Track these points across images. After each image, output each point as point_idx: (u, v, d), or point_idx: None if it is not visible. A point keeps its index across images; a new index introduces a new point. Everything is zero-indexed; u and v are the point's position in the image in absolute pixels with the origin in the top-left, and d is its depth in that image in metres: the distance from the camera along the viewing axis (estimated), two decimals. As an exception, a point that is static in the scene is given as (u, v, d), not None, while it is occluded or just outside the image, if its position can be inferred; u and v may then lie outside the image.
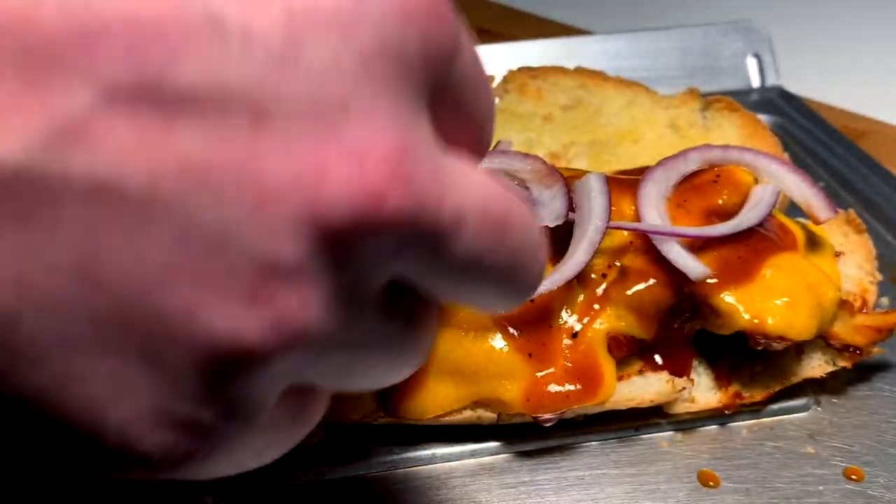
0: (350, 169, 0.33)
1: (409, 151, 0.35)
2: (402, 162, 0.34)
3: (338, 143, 0.33)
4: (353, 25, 0.34)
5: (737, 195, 0.84)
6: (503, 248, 0.40)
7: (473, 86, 0.42)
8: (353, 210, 0.33)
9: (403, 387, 0.76)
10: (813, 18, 1.92)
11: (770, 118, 1.34)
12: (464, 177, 0.38)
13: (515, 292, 0.45)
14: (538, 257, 0.44)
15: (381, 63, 0.35)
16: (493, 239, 0.39)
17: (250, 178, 0.32)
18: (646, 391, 0.80)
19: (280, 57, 0.32)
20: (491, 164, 0.85)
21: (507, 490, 0.77)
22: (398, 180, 0.34)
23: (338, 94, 0.34)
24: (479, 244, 0.39)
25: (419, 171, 0.35)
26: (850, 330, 0.83)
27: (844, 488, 0.76)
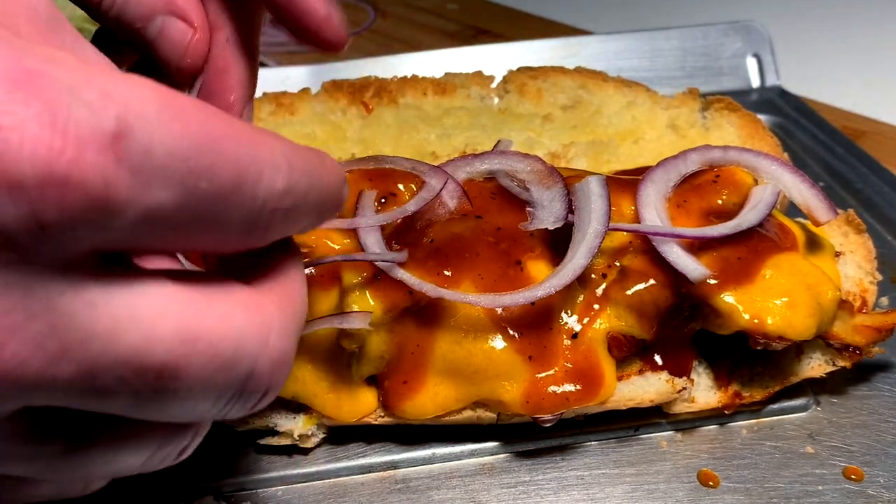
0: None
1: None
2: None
3: None
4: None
5: (736, 196, 0.84)
6: (163, 398, 0.39)
7: (166, 226, 0.39)
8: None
9: (403, 387, 0.76)
10: (813, 18, 1.92)
11: (770, 118, 1.34)
12: (115, 325, 0.37)
13: None
14: (240, 394, 0.42)
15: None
16: (148, 391, 0.38)
17: None
18: (646, 391, 0.80)
19: None
20: (491, 164, 0.85)
21: (506, 490, 0.77)
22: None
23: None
24: (128, 395, 0.38)
25: (12, 344, 0.35)
26: (850, 330, 0.83)
27: (844, 488, 0.76)
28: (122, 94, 0.36)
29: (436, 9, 1.99)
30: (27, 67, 0.34)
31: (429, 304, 0.76)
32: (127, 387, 0.38)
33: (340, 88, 1.12)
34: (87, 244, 0.36)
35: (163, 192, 0.37)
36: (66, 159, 0.34)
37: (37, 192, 0.33)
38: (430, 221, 0.80)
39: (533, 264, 0.78)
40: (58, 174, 0.33)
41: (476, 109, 1.13)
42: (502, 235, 0.79)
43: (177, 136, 0.37)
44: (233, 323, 0.41)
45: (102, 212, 0.35)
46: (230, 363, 0.41)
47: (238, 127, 0.41)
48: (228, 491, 0.77)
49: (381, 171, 0.84)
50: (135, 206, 0.36)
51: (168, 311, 0.39)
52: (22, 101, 0.33)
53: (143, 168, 0.36)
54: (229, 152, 0.39)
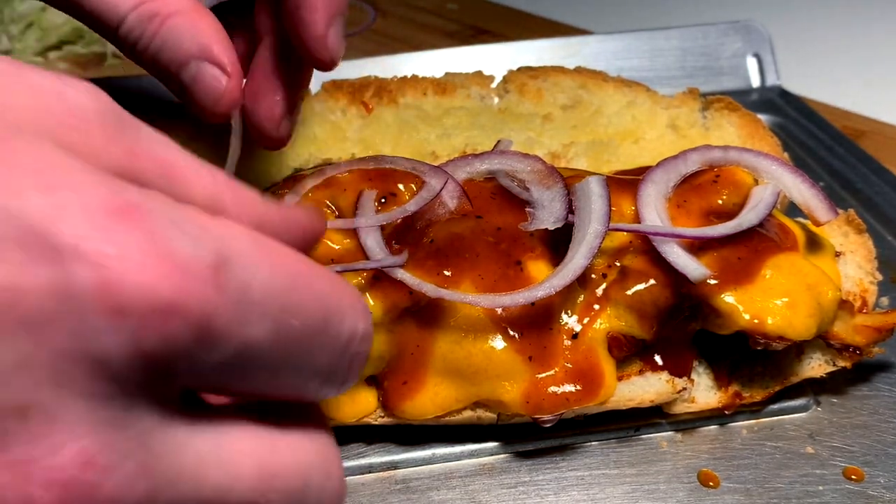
0: (12, 481, 0.32)
1: (96, 462, 0.34)
2: (82, 476, 0.33)
3: (5, 451, 0.32)
4: (49, 326, 0.32)
5: (737, 196, 0.84)
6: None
7: (256, 364, 0.39)
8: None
9: (403, 387, 0.76)
10: (813, 18, 1.92)
11: (770, 118, 1.34)
12: (200, 463, 0.37)
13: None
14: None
15: (76, 367, 0.33)
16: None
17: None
18: (646, 391, 0.80)
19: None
20: (491, 164, 0.85)
21: (506, 490, 0.77)
22: (70, 496, 0.33)
23: (17, 398, 0.32)
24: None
25: (109, 482, 0.34)
26: (850, 330, 0.83)
27: (844, 488, 0.76)
28: (216, 230, 0.37)
29: (436, 9, 1.98)
30: (128, 199, 0.34)
31: (429, 304, 0.76)
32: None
33: (340, 88, 1.12)
34: (182, 379, 0.36)
35: (258, 328, 0.37)
36: (170, 287, 0.34)
37: (140, 319, 0.33)
38: (430, 221, 0.80)
39: (533, 264, 0.78)
40: (161, 302, 0.33)
41: (476, 109, 1.12)
42: (502, 235, 0.79)
43: (270, 273, 0.38)
44: (302, 457, 0.42)
45: (202, 343, 0.35)
46: (301, 498, 0.42)
47: (321, 269, 0.41)
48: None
49: (381, 171, 0.84)
50: (232, 340, 0.36)
51: (247, 449, 0.39)
52: (124, 230, 0.34)
53: (241, 301, 0.36)
54: (318, 291, 0.40)
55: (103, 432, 0.34)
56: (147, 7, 0.69)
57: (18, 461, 0.33)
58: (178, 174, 0.42)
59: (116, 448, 0.34)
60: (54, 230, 0.33)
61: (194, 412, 0.39)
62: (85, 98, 0.40)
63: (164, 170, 0.41)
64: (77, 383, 0.33)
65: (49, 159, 0.35)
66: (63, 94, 0.39)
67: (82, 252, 0.33)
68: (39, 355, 0.33)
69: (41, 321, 0.32)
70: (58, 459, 0.33)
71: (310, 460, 0.42)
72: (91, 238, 0.33)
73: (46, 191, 0.33)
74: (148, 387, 0.35)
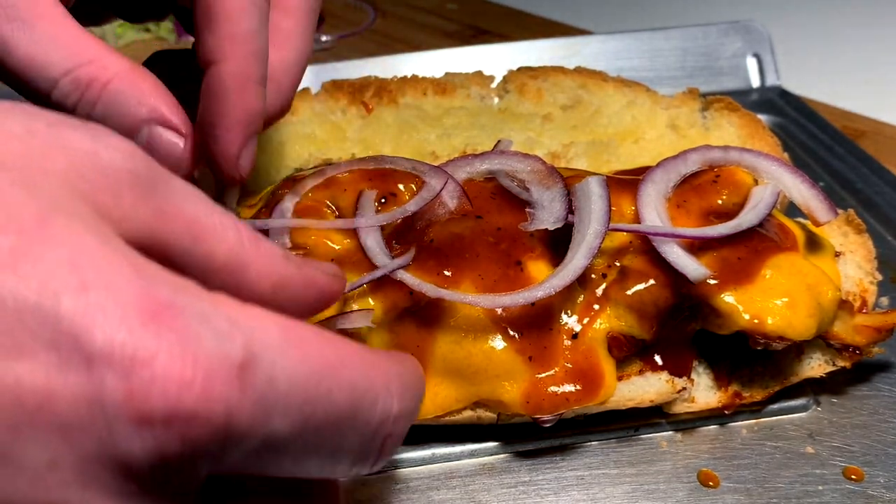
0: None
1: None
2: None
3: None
4: (79, 430, 0.34)
5: (736, 196, 0.84)
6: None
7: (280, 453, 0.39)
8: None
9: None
10: (813, 18, 1.92)
11: (770, 118, 1.34)
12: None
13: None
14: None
15: (102, 469, 0.35)
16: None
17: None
18: (646, 391, 0.80)
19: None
20: (491, 164, 0.85)
21: (506, 490, 0.77)
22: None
23: (46, 496, 0.34)
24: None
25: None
26: (850, 330, 0.83)
27: (844, 488, 0.76)
28: (246, 322, 0.38)
29: (436, 9, 1.99)
30: (158, 298, 0.36)
31: (429, 304, 0.76)
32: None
33: (340, 88, 1.12)
34: (203, 473, 0.37)
35: (282, 422, 0.38)
36: (195, 394, 0.35)
37: (164, 427, 0.34)
38: (430, 221, 0.80)
39: (533, 264, 0.78)
40: (185, 410, 0.35)
41: (476, 109, 1.12)
42: (502, 235, 0.79)
43: (297, 365, 0.38)
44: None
45: (223, 443, 0.36)
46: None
47: (354, 351, 0.42)
48: (228, 491, 0.77)
49: (381, 171, 0.84)
50: (254, 436, 0.37)
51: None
52: (154, 333, 0.35)
53: (266, 398, 0.37)
54: (345, 379, 0.40)
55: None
56: (83, 72, 0.64)
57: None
58: (205, 232, 0.43)
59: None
60: (87, 336, 0.34)
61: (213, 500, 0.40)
62: (118, 157, 0.41)
63: (191, 228, 0.42)
64: (102, 483, 0.35)
65: (84, 248, 0.36)
66: (97, 154, 0.40)
67: (113, 359, 0.34)
68: (69, 457, 0.34)
69: (72, 425, 0.34)
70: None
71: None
72: (122, 344, 0.34)
73: (80, 291, 0.35)
74: (168, 485, 0.36)
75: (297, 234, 0.79)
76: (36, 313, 0.34)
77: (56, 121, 0.41)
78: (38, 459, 0.34)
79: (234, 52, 0.69)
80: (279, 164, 1.02)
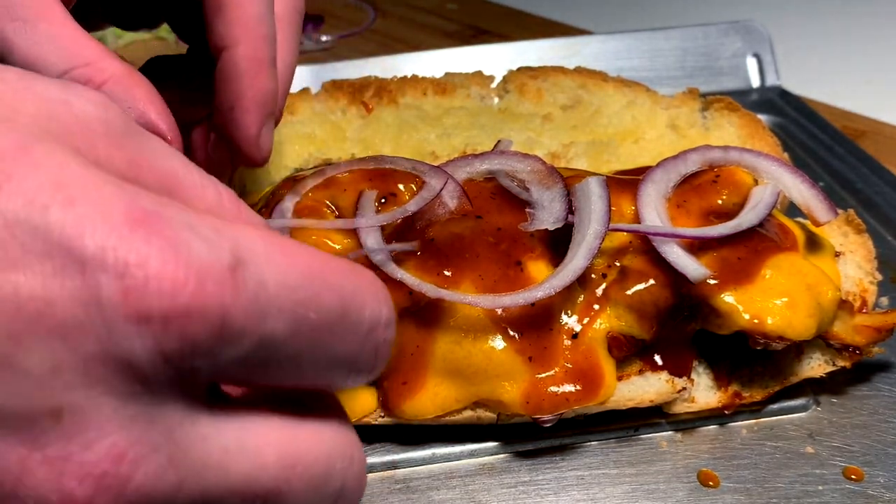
0: (48, 477, 0.35)
1: (126, 456, 0.36)
2: (114, 469, 0.35)
3: (41, 450, 0.35)
4: (78, 333, 0.35)
5: (736, 196, 0.84)
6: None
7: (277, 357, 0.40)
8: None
9: (403, 387, 0.76)
10: (813, 18, 1.92)
11: (770, 118, 1.34)
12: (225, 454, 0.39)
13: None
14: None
15: (104, 369, 0.35)
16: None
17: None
18: (646, 391, 0.80)
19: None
20: (491, 164, 0.85)
21: (506, 490, 0.77)
22: (104, 489, 0.35)
23: (51, 400, 0.35)
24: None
25: (138, 474, 0.36)
26: (849, 330, 0.83)
27: (844, 488, 0.76)
28: (231, 232, 0.38)
29: (436, 9, 1.99)
30: (145, 209, 0.36)
31: (428, 304, 0.76)
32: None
33: (340, 88, 1.12)
34: (202, 376, 0.38)
35: (276, 322, 0.38)
36: (189, 292, 0.35)
37: (161, 324, 0.35)
38: (430, 221, 0.80)
39: (533, 264, 0.78)
40: (180, 306, 0.35)
41: (476, 109, 1.12)
42: (502, 236, 0.79)
43: (285, 269, 0.39)
44: (323, 444, 0.43)
45: (222, 340, 0.37)
46: (324, 483, 0.43)
47: (337, 261, 0.43)
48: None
49: (381, 171, 0.84)
50: (251, 336, 0.37)
51: (270, 438, 0.41)
52: (144, 238, 0.35)
53: (258, 298, 0.37)
54: (333, 282, 0.41)
55: (132, 428, 0.36)
56: (79, 73, 0.65)
57: (54, 458, 0.35)
58: (182, 188, 0.43)
59: (145, 442, 0.36)
60: (78, 242, 0.35)
61: (218, 405, 0.40)
62: (91, 107, 0.41)
63: (167, 181, 0.43)
64: (106, 384, 0.35)
65: (67, 169, 0.36)
66: (68, 102, 0.41)
67: (106, 262, 0.35)
68: (70, 360, 0.35)
69: (71, 329, 0.34)
70: (91, 455, 0.35)
71: (331, 446, 0.43)
72: (113, 248, 0.35)
73: (67, 204, 0.35)
74: (173, 384, 0.37)
75: (297, 234, 0.79)
76: (25, 227, 0.34)
77: (26, 74, 0.42)
78: (40, 365, 0.34)
79: (245, 35, 0.71)
80: (279, 164, 1.02)
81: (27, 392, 0.34)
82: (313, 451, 0.42)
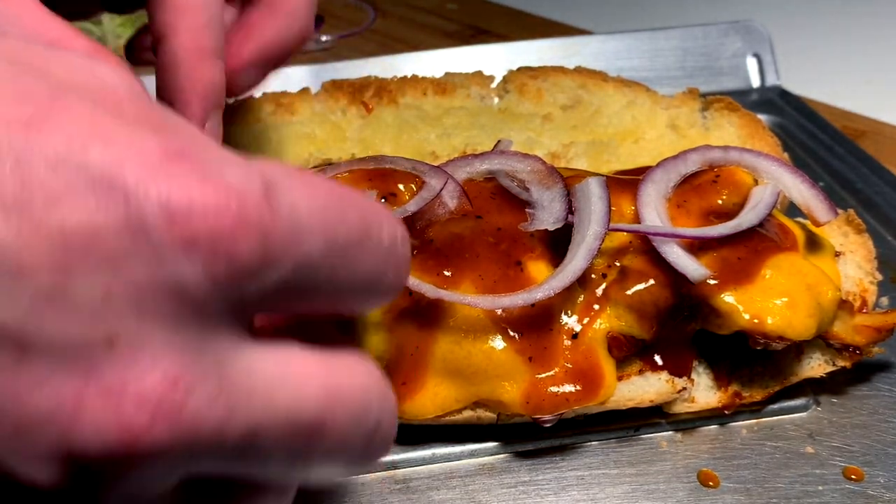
0: (106, 406, 0.35)
1: (179, 383, 0.36)
2: (169, 396, 0.36)
3: (97, 379, 0.35)
4: (128, 261, 0.35)
5: (736, 196, 0.84)
6: (311, 456, 0.42)
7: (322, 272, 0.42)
8: (105, 447, 0.35)
9: (403, 387, 0.76)
10: (813, 18, 1.92)
11: (770, 118, 1.34)
12: (271, 385, 0.39)
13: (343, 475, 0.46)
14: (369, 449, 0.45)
15: (155, 296, 0.36)
16: (304, 446, 0.41)
17: (11, 409, 0.35)
18: (646, 391, 0.80)
19: (48, 291, 0.34)
20: (491, 164, 0.85)
21: (506, 490, 0.77)
22: (161, 415, 0.35)
23: (104, 329, 0.35)
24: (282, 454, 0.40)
25: (191, 401, 0.36)
26: (849, 330, 0.83)
27: (844, 488, 0.76)
28: (256, 164, 0.40)
29: (436, 9, 1.99)
30: (178, 144, 0.38)
31: (428, 304, 0.76)
32: (283, 447, 0.40)
33: (340, 88, 1.12)
34: (248, 303, 0.39)
35: (310, 243, 0.40)
36: (232, 214, 0.36)
37: (208, 248, 0.36)
38: (430, 221, 0.80)
39: (533, 265, 0.78)
40: (226, 229, 0.36)
41: (476, 109, 1.12)
42: (502, 236, 0.79)
43: (309, 193, 0.41)
44: (359, 378, 0.44)
45: (264, 263, 0.38)
46: (364, 416, 0.43)
47: (348, 188, 0.45)
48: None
49: (381, 171, 0.84)
50: (290, 257, 0.39)
51: (310, 370, 0.41)
52: (182, 171, 0.37)
53: (292, 219, 0.39)
54: (353, 205, 0.43)
55: (184, 355, 0.37)
56: None
57: (110, 388, 0.35)
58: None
59: (197, 369, 0.37)
60: (120, 176, 0.36)
61: (259, 338, 0.41)
62: (114, 75, 0.42)
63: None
64: (157, 311, 0.36)
65: (100, 117, 0.38)
66: (94, 69, 0.42)
67: (149, 192, 0.36)
68: (121, 288, 0.35)
69: (120, 258, 0.35)
70: (146, 382, 0.35)
71: (367, 381, 0.44)
72: (154, 179, 0.36)
73: (106, 143, 0.36)
74: (220, 311, 0.38)
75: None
76: (67, 164, 0.35)
77: (51, 47, 0.43)
78: (92, 295, 0.35)
79: (184, 24, 0.70)
80: (279, 165, 1.02)
81: (80, 323, 0.35)
82: (352, 384, 0.43)
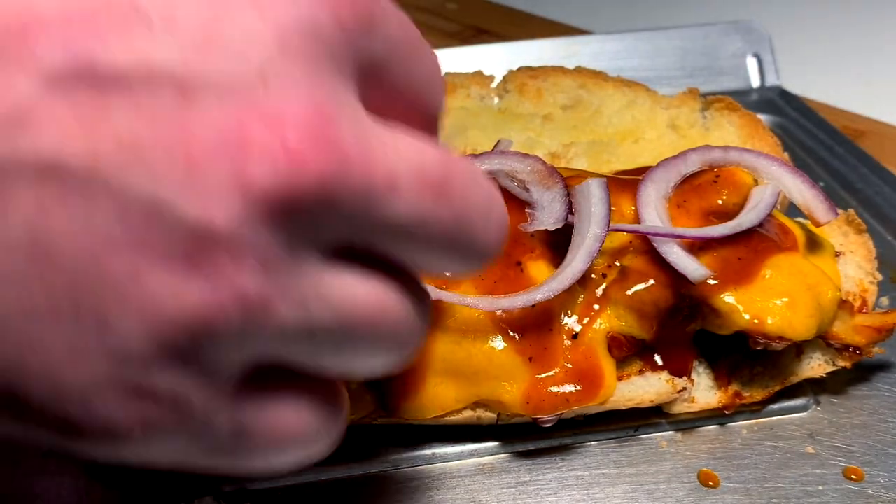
0: (271, 132, 0.36)
1: (330, 117, 0.37)
2: (324, 126, 0.37)
3: (259, 108, 0.36)
4: (269, 4, 0.38)
5: (736, 196, 0.84)
6: (446, 210, 0.42)
7: (403, 52, 0.44)
8: (277, 172, 0.36)
9: (403, 387, 0.77)
10: (813, 18, 1.92)
11: (770, 118, 1.34)
12: (395, 142, 0.40)
13: (468, 255, 0.46)
14: (490, 218, 0.45)
15: (297, 37, 0.38)
16: (434, 201, 0.41)
17: (179, 148, 0.35)
18: (646, 391, 0.80)
19: (201, 35, 0.36)
20: (491, 164, 0.85)
21: (506, 490, 0.77)
22: (321, 143, 0.37)
23: (256, 65, 0.37)
24: (418, 207, 0.41)
25: (342, 135, 0.37)
26: (849, 330, 0.83)
27: (844, 488, 0.76)
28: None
29: (436, 9, 1.98)
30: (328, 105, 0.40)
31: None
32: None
33: (340, 88, 1.12)
34: (363, 60, 0.41)
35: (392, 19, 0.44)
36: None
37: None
38: (430, 221, 0.80)
39: (533, 265, 0.78)
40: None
41: (476, 109, 1.12)
42: (502, 235, 0.79)
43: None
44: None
45: (375, 20, 0.41)
46: (480, 189, 0.45)
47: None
48: (228, 491, 0.77)
49: (381, 172, 0.83)
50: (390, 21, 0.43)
51: (424, 144, 0.43)
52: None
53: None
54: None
55: (326, 91, 0.38)
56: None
57: (269, 113, 0.36)
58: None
59: (336, 104, 0.38)
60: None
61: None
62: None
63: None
64: (299, 49, 0.38)
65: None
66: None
67: None
68: (265, 29, 0.37)
69: (262, 1, 0.38)
70: (299, 108, 0.37)
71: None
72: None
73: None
74: (348, 59, 0.41)
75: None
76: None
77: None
78: (242, 37, 0.37)
79: None
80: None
81: (234, 60, 0.36)
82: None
